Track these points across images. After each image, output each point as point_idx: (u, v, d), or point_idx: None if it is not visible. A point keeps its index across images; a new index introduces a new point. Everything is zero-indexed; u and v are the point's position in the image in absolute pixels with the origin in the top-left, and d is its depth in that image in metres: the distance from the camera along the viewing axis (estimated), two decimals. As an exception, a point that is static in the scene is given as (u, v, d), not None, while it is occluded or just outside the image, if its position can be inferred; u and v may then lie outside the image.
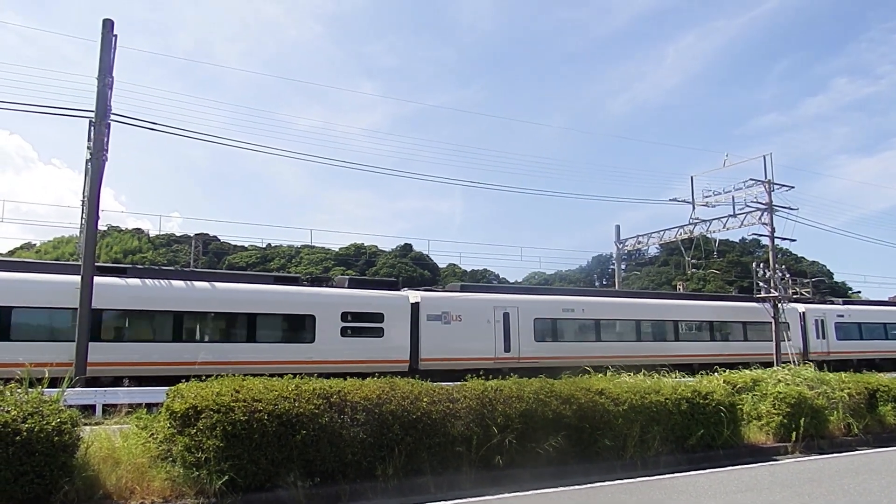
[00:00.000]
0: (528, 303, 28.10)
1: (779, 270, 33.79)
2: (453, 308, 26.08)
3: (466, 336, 25.84)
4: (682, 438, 11.94)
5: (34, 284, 19.46)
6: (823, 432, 14.20)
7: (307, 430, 8.32)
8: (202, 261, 67.27)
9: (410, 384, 9.92)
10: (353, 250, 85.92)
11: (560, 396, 10.71)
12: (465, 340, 25.71)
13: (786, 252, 68.82)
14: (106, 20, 19.02)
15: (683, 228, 37.52)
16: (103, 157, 18.79)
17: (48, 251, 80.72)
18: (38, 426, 6.91)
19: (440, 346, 25.38)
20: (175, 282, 21.88)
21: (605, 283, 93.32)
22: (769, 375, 15.12)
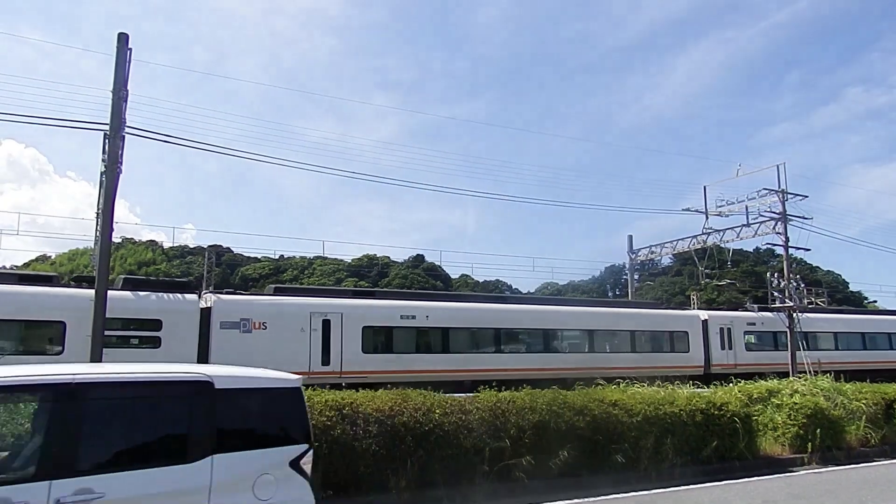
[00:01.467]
0: (356, 308, 24.48)
1: (793, 280, 33.52)
2: (256, 314, 22.74)
3: (272, 347, 22.25)
4: (697, 450, 11.84)
5: None
6: (840, 443, 14.04)
7: (319, 443, 8.30)
8: (215, 272, 67.54)
9: (423, 396, 9.90)
10: (365, 261, 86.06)
11: (573, 408, 10.66)
12: (269, 352, 21.71)
13: (800, 262, 68.36)
14: (121, 34, 19.16)
15: (696, 238, 37.28)
16: (118, 170, 18.86)
17: (63, 263, 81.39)
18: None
19: (236, 359, 20.57)
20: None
21: (618, 294, 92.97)
22: (785, 386, 14.98)
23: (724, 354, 31.52)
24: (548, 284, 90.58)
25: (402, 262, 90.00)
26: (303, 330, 23.19)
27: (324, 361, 23.21)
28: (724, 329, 32.01)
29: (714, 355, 31.12)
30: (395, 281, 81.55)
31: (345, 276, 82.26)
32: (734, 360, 31.50)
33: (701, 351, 30.87)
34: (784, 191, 33.13)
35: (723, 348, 31.57)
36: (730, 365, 30.89)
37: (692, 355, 30.50)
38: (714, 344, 31.35)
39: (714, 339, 31.47)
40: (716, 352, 31.26)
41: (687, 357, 30.19)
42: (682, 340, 30.86)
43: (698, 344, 30.91)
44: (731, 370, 29.41)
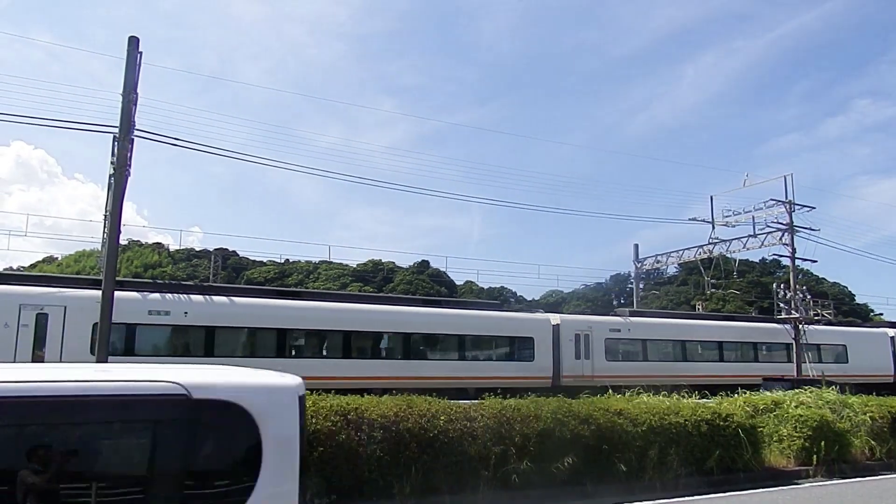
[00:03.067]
0: (84, 300, 20.02)
1: (800, 291, 33.47)
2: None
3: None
4: (702, 460, 11.80)
5: None
6: (846, 456, 13.97)
7: (324, 448, 8.32)
8: (221, 275, 67.71)
9: (428, 402, 9.90)
10: (370, 266, 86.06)
11: (578, 416, 10.65)
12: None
13: (807, 273, 68.17)
14: (131, 37, 19.28)
15: (703, 248, 37.28)
16: (126, 172, 18.96)
17: (70, 265, 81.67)
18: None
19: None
20: None
21: (623, 303, 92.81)
22: (791, 398, 14.94)
23: (578, 364, 27.92)
24: (553, 292, 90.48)
25: (407, 268, 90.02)
26: (7, 325, 19.35)
27: None
28: (581, 336, 28.45)
29: (566, 365, 27.55)
30: (399, 286, 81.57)
31: (350, 281, 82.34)
32: (591, 371, 27.81)
33: (549, 360, 27.29)
34: (791, 202, 33.14)
35: (578, 357, 28.00)
36: (586, 376, 27.28)
37: (538, 364, 26.85)
38: (566, 352, 27.77)
39: (567, 347, 27.85)
40: (568, 361, 27.70)
41: (530, 366, 26.48)
42: (525, 347, 27.25)
43: (546, 352, 27.31)
44: (586, 382, 25.77)
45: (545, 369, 26.94)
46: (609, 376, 26.42)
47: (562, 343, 27.81)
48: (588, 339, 28.57)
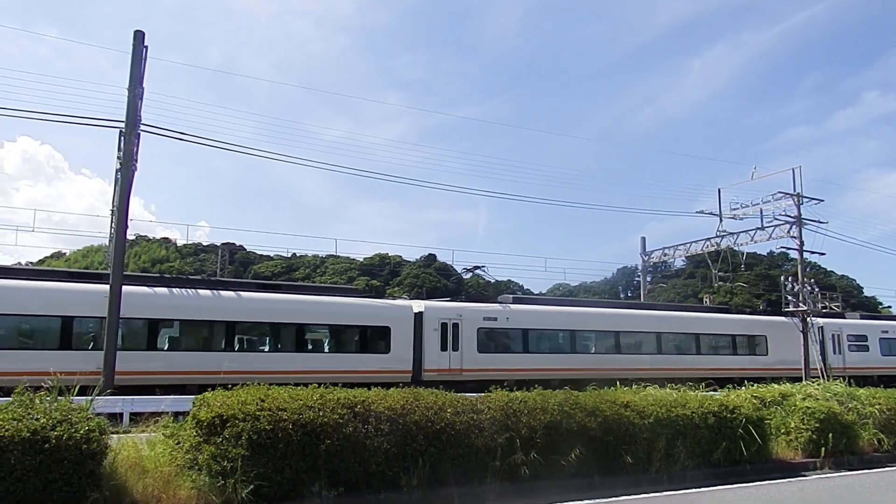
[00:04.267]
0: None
1: (807, 284, 33.34)
2: None
3: None
4: (709, 453, 11.79)
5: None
6: (853, 448, 13.96)
7: (332, 440, 8.34)
8: (228, 270, 67.85)
9: (434, 395, 9.92)
10: (377, 260, 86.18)
11: (585, 409, 10.64)
12: None
13: (815, 266, 67.89)
14: (137, 32, 19.30)
15: (710, 241, 37.18)
16: (133, 167, 19.02)
17: (77, 260, 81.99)
18: (67, 434, 6.98)
19: None
20: None
21: (630, 296, 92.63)
22: (798, 390, 14.93)
23: (444, 357, 25.38)
24: (559, 286, 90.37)
25: (413, 262, 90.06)
26: None
27: None
28: (448, 325, 25.77)
29: (429, 357, 25.07)
30: (406, 280, 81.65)
31: (357, 274, 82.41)
32: (460, 365, 25.35)
33: (409, 352, 24.89)
34: (799, 194, 33.03)
35: (444, 349, 25.40)
36: (454, 370, 25.10)
37: (394, 357, 24.47)
38: (430, 343, 25.22)
39: (431, 338, 25.26)
40: (432, 353, 25.17)
41: (386, 359, 24.08)
42: (380, 338, 24.82)
43: (405, 343, 24.86)
44: (454, 377, 24.26)
45: (403, 362, 24.58)
46: (482, 370, 25.24)
47: (425, 333, 25.27)
48: (457, 328, 25.88)
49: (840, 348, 34.77)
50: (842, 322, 36.00)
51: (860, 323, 37.25)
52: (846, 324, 36.02)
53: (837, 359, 34.30)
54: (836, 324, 35.31)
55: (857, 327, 36.26)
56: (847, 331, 35.36)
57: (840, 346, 34.82)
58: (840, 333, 34.96)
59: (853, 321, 37.24)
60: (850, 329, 35.66)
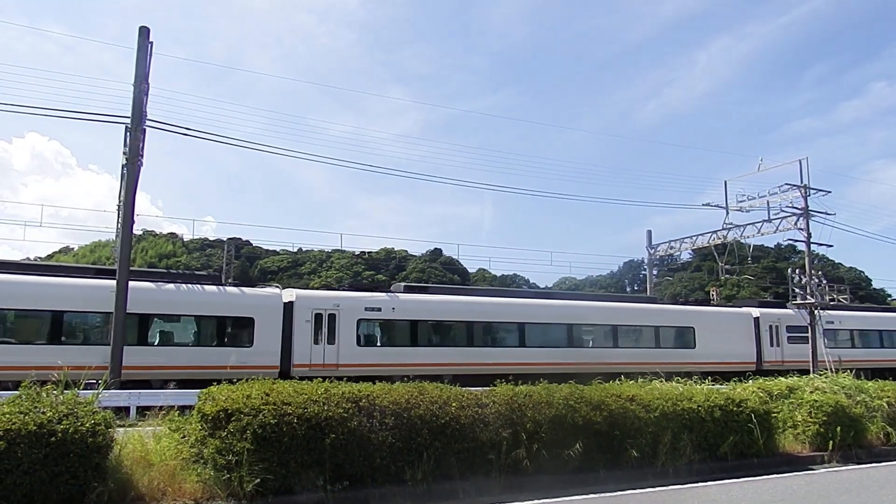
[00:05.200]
0: None
1: (815, 276, 33.17)
2: None
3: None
4: (716, 446, 11.75)
5: None
6: (861, 442, 13.89)
7: (336, 434, 8.34)
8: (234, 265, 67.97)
9: (439, 389, 9.91)
10: (383, 255, 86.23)
11: (590, 403, 10.62)
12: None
13: (822, 258, 67.56)
14: (142, 28, 19.33)
15: (717, 233, 37.03)
16: (139, 163, 19.08)
17: (85, 255, 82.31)
18: (73, 427, 7.01)
19: None
20: None
21: (636, 289, 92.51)
22: (805, 383, 14.86)
23: (318, 350, 23.76)
24: (565, 279, 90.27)
25: (419, 256, 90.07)
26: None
27: None
28: (323, 315, 24.12)
29: (299, 352, 23.47)
30: (412, 275, 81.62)
31: (362, 269, 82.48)
32: (336, 359, 23.72)
33: (277, 345, 23.29)
34: (806, 186, 32.84)
35: (317, 342, 23.84)
36: (328, 365, 23.34)
37: (259, 350, 22.69)
38: (301, 336, 23.64)
39: (302, 330, 23.66)
40: (303, 347, 23.57)
41: (249, 353, 22.07)
42: (242, 330, 23.27)
43: (272, 335, 23.22)
44: (329, 372, 21.07)
45: (270, 356, 22.77)
46: (362, 365, 23.53)
47: (295, 325, 23.58)
48: (334, 319, 24.14)
49: (778, 341, 32.92)
50: (780, 312, 34.01)
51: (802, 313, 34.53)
52: (785, 314, 33.85)
53: (775, 352, 32.58)
54: (773, 314, 33.51)
55: (798, 318, 33.72)
56: (786, 321, 33.36)
57: (778, 338, 32.97)
58: (778, 324, 33.12)
59: (793, 311, 34.71)
60: (790, 320, 33.46)
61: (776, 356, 32.46)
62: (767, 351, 32.42)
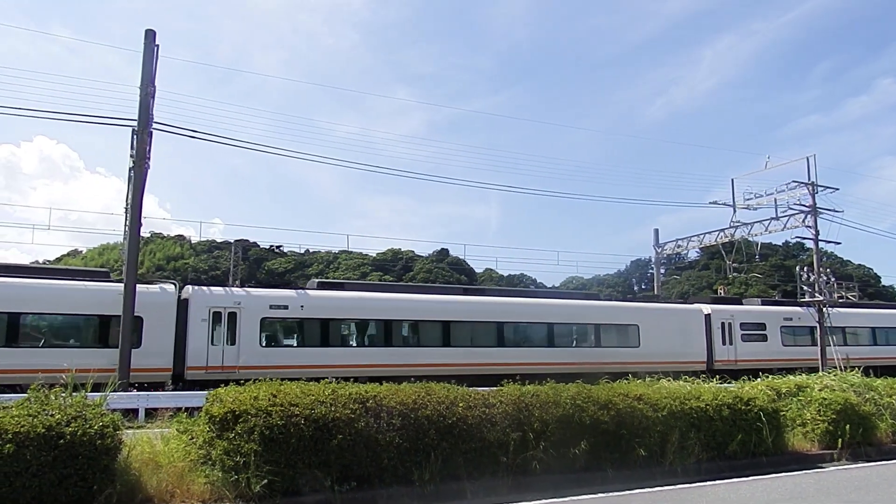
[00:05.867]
0: None
1: (824, 274, 33.03)
2: None
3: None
4: (724, 445, 11.73)
5: None
6: (871, 439, 13.83)
7: (343, 435, 8.35)
8: (242, 267, 68.13)
9: (446, 389, 9.92)
10: (390, 255, 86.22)
11: (598, 402, 10.61)
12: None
13: (831, 255, 67.42)
14: (148, 30, 19.39)
15: (724, 232, 36.90)
16: (146, 165, 19.14)
17: (93, 258, 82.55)
18: (81, 430, 7.05)
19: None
20: None
21: (644, 288, 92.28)
22: (814, 381, 14.81)
23: (216, 352, 22.11)
24: (572, 278, 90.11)
25: (426, 257, 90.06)
26: None
27: None
28: (223, 313, 22.56)
29: (194, 353, 21.79)
30: (419, 275, 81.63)
31: (370, 270, 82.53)
32: (237, 361, 21.98)
33: (169, 346, 21.59)
34: (814, 183, 32.71)
35: (216, 342, 22.17)
36: (228, 367, 21.75)
37: (147, 352, 20.84)
38: (196, 335, 21.97)
39: (197, 329, 22.04)
40: (198, 348, 21.88)
41: (136, 354, 19.81)
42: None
43: (164, 336, 21.54)
44: (229, 375, 19.88)
45: (160, 357, 21.21)
46: (266, 367, 20.92)
47: (190, 324, 21.99)
48: (235, 318, 22.63)
49: (731, 338, 31.27)
50: (734, 309, 32.84)
51: (757, 309, 33.80)
52: (739, 311, 32.73)
53: (728, 350, 30.98)
54: (726, 311, 32.03)
55: (753, 314, 32.93)
56: (740, 318, 31.95)
57: (731, 335, 31.31)
58: (731, 322, 31.51)
59: (749, 307, 33.99)
60: (745, 316, 32.28)
61: (729, 355, 31.02)
62: (719, 349, 30.89)
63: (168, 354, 21.47)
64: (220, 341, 22.26)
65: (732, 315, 31.75)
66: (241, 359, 22.09)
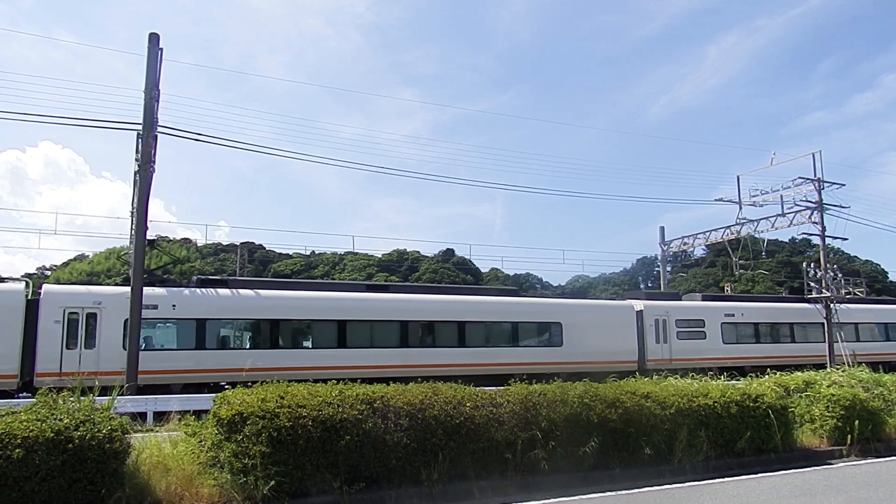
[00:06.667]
0: None
1: (831, 270, 32.93)
2: None
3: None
4: (732, 442, 11.69)
5: None
6: (880, 435, 13.78)
7: (351, 436, 8.36)
8: (248, 269, 68.25)
9: (453, 389, 9.92)
10: (395, 256, 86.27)
11: (605, 400, 10.59)
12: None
13: (838, 251, 67.15)
14: (152, 34, 19.42)
15: (730, 229, 36.85)
16: (151, 169, 19.16)
17: (100, 262, 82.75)
18: (90, 434, 7.06)
19: None
20: None
21: (650, 286, 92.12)
22: (822, 377, 14.75)
23: (71, 357, 20.23)
24: (578, 277, 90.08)
25: (432, 257, 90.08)
26: None
27: None
28: (81, 315, 20.67)
29: (44, 358, 19.94)
30: (425, 276, 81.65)
31: (375, 271, 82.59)
32: (96, 366, 19.66)
33: (13, 350, 19.77)
34: (820, 179, 32.66)
35: (72, 346, 20.35)
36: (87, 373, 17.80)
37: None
38: (48, 340, 20.12)
39: (49, 333, 20.14)
40: (50, 352, 20.02)
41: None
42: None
43: (9, 339, 19.81)
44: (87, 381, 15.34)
45: (5, 362, 19.54)
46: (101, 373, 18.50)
47: (41, 326, 20.15)
48: (94, 320, 20.79)
49: (666, 336, 29.53)
50: (669, 305, 30.84)
51: (695, 305, 32.07)
52: (675, 307, 30.90)
53: (661, 349, 29.25)
54: (660, 307, 30.15)
55: (691, 310, 31.09)
56: (676, 315, 30.14)
57: (666, 333, 29.56)
58: (666, 318, 29.76)
59: (685, 303, 32.23)
60: (681, 313, 30.50)
61: (662, 354, 29.28)
62: (652, 348, 29.14)
63: (13, 359, 19.60)
64: (78, 345, 20.38)
65: (667, 311, 30.15)
66: (101, 364, 19.92)
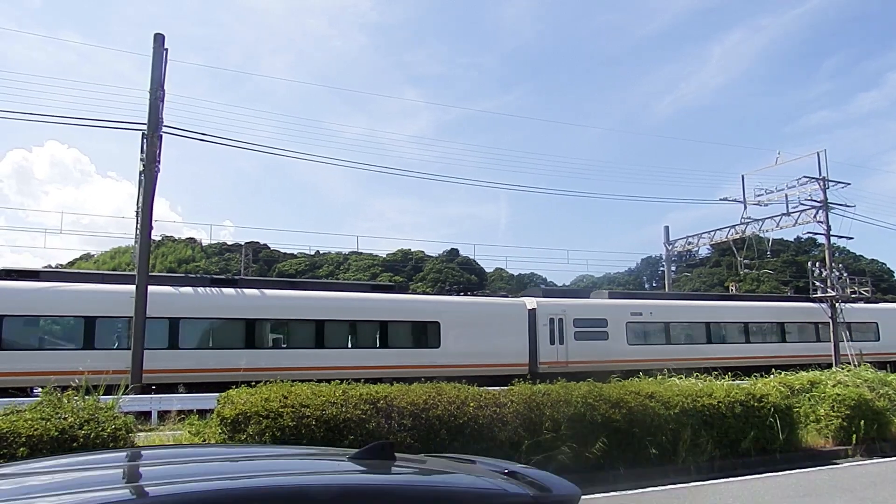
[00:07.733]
0: None
1: (836, 269, 32.82)
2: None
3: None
4: (737, 442, 11.66)
5: None
6: (885, 435, 13.71)
7: (355, 436, 8.37)
8: (253, 269, 68.34)
9: (457, 389, 9.91)
10: (400, 256, 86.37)
11: (609, 400, 10.57)
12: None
13: (843, 250, 66.97)
14: (157, 35, 19.46)
15: (735, 228, 36.74)
16: (156, 169, 19.19)
17: (105, 261, 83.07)
18: (94, 433, 7.09)
19: None
20: None
21: (654, 285, 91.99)
22: (827, 377, 14.70)
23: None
24: (583, 277, 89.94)
25: (436, 257, 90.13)
26: None
27: None
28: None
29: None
30: (430, 276, 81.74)
31: (380, 270, 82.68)
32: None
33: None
34: (825, 178, 32.53)
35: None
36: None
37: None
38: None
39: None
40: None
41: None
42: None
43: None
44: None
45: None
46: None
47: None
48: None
49: (562, 337, 26.66)
50: (567, 303, 27.99)
51: (596, 303, 29.28)
52: (573, 305, 27.98)
53: (556, 351, 26.35)
54: (556, 305, 27.31)
55: (592, 309, 28.41)
56: (574, 314, 27.23)
57: (562, 333, 26.72)
58: (562, 317, 26.89)
59: (585, 301, 29.52)
60: (580, 311, 27.68)
61: (557, 356, 26.33)
62: (545, 350, 26.22)
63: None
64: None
65: (564, 310, 27.24)
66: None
